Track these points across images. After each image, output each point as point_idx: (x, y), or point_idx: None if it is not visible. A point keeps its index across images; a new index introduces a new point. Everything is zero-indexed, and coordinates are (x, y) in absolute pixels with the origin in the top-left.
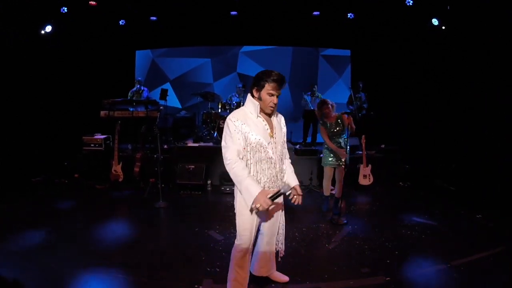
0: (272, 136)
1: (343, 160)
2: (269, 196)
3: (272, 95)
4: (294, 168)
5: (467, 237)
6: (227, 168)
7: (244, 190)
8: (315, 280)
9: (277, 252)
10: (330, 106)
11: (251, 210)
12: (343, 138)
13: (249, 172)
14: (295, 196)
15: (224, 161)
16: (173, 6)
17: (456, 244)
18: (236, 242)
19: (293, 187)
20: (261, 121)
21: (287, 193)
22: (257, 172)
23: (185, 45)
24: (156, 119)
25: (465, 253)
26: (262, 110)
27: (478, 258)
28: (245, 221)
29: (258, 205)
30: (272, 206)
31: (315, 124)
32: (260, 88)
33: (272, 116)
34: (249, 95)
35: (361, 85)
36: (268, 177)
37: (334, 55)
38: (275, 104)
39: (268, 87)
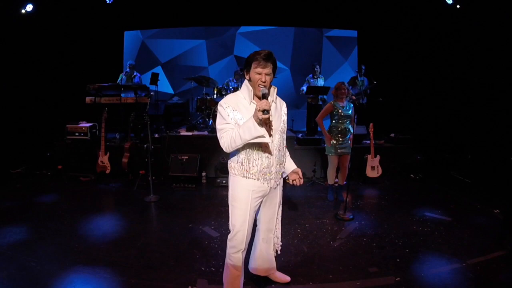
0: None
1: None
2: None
3: (259, 73)
4: (296, 159)
5: (484, 234)
6: (222, 142)
7: (243, 133)
8: (319, 281)
9: None
10: (346, 88)
11: (260, 123)
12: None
13: (240, 160)
14: (295, 180)
15: (219, 140)
16: None
17: (472, 241)
18: (229, 236)
19: (293, 170)
20: (255, 107)
21: (285, 177)
22: (248, 162)
23: (177, 26)
24: (146, 106)
25: (481, 251)
26: (256, 95)
27: (495, 256)
28: (237, 213)
29: (259, 111)
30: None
31: (317, 112)
32: (249, 69)
33: (271, 102)
34: (245, 80)
35: (363, 68)
36: (260, 168)
37: (339, 36)
38: (263, 82)
39: (254, 66)
